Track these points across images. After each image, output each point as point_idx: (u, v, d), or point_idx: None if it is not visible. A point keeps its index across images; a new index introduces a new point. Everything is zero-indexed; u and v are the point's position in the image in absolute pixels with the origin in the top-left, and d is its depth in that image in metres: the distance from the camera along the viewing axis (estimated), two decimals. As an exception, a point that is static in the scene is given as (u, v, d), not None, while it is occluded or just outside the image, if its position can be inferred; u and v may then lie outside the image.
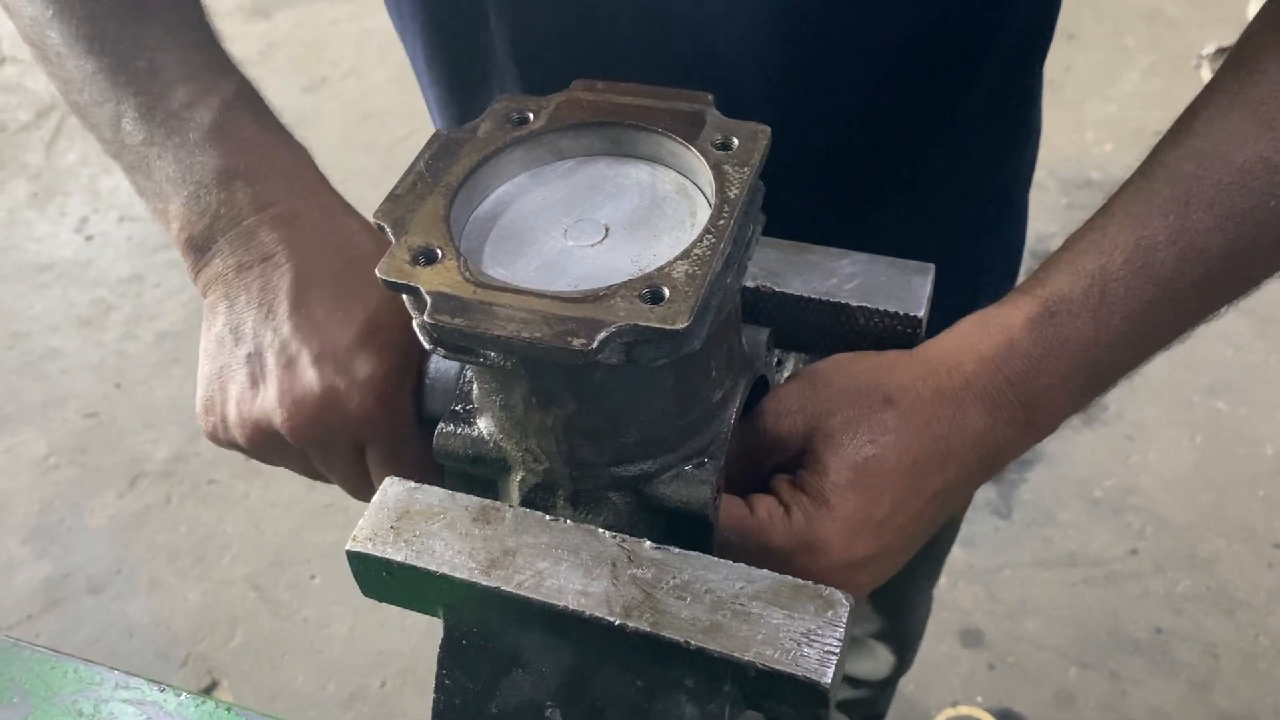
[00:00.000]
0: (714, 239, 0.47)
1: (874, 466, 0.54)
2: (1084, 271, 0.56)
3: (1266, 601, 1.93)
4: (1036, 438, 0.58)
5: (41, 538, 2.27)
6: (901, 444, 0.55)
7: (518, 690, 0.51)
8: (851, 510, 0.54)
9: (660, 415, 0.52)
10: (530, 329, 0.44)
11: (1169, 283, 0.55)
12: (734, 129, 0.52)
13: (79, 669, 0.72)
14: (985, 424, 0.56)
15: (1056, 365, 0.56)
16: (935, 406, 0.55)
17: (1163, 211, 0.55)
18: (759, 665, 0.46)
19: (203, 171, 0.62)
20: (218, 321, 0.62)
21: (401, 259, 0.47)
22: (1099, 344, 0.56)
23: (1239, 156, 0.55)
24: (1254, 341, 2.34)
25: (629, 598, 0.49)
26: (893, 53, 0.71)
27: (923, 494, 0.56)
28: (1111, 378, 0.58)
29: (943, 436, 0.55)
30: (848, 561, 0.55)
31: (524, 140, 0.53)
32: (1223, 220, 0.55)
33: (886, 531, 0.55)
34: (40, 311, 2.76)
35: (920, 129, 0.76)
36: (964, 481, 0.57)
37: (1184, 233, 0.55)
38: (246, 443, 0.62)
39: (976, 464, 0.57)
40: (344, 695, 1.97)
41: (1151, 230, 0.55)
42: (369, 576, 0.53)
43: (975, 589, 2.00)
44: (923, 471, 0.55)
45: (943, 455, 0.55)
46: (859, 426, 0.55)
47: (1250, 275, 0.58)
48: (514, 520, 0.52)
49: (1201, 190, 0.55)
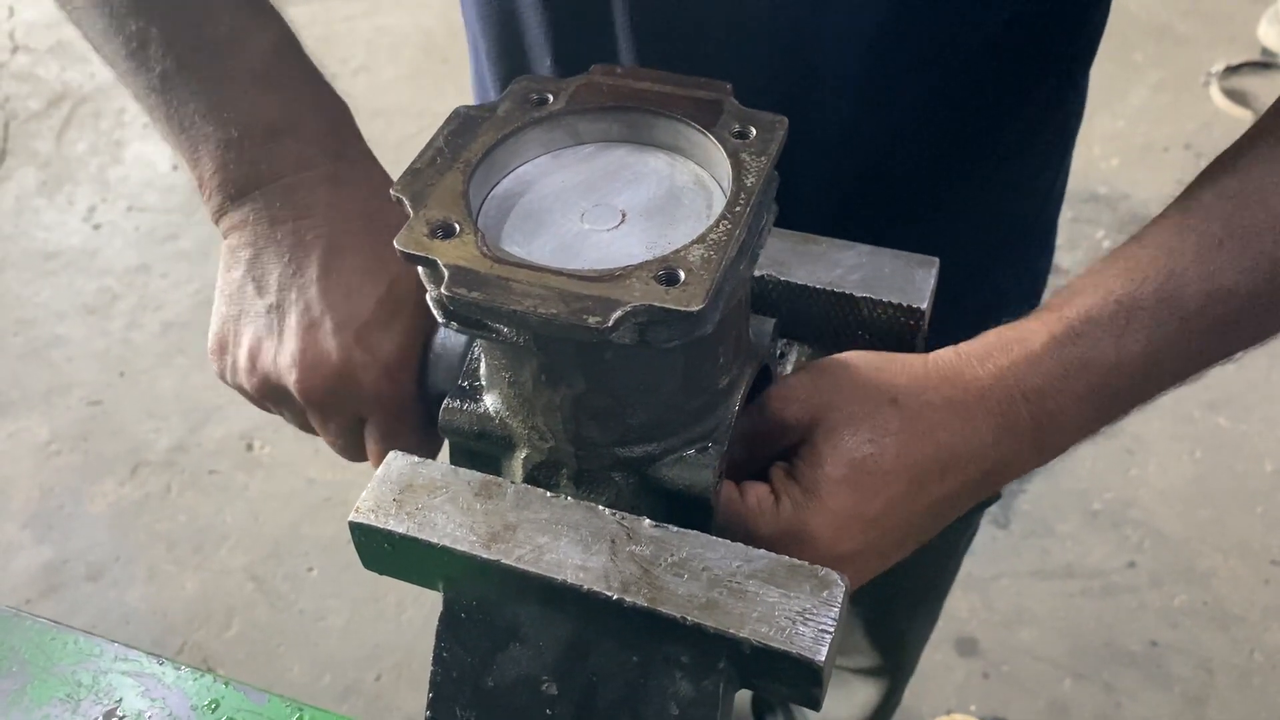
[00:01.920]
0: (730, 225, 0.48)
1: (870, 465, 0.54)
2: (1112, 296, 0.56)
3: (1262, 617, 1.93)
4: (1042, 459, 0.58)
5: (41, 523, 2.27)
6: (902, 447, 0.55)
7: (515, 664, 0.52)
8: (841, 505, 0.54)
9: (668, 398, 0.53)
10: (546, 305, 0.45)
11: (1194, 318, 0.55)
12: (752, 118, 0.52)
13: (79, 640, 0.73)
14: (993, 438, 0.55)
15: (1075, 387, 0.55)
16: (944, 415, 0.55)
17: (1196, 247, 0.56)
18: (754, 642, 0.47)
19: (250, 119, 0.61)
20: (239, 267, 0.62)
21: (420, 232, 0.48)
22: (1119, 370, 0.56)
23: (1276, 202, 0.55)
24: (1256, 358, 2.34)
25: (627, 573, 0.49)
26: (966, 58, 0.71)
27: (919, 499, 0.56)
28: (1124, 407, 0.58)
29: (946, 446, 0.55)
30: (833, 555, 0.55)
31: (542, 121, 0.54)
32: (1254, 263, 0.55)
33: (875, 531, 0.55)
34: (47, 299, 2.77)
35: (973, 141, 0.76)
36: (964, 493, 0.57)
37: (1215, 271, 0.55)
38: (253, 390, 0.63)
39: (979, 477, 0.57)
40: (339, 688, 1.97)
41: (1183, 264, 0.55)
42: (370, 548, 0.54)
43: (972, 598, 2.00)
44: (921, 477, 0.55)
45: (944, 465, 0.55)
46: (860, 423, 0.55)
47: (1272, 323, 0.58)
48: (515, 496, 0.53)
49: (1235, 231, 0.55)
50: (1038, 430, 0.56)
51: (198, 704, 0.69)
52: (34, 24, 3.67)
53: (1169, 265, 0.56)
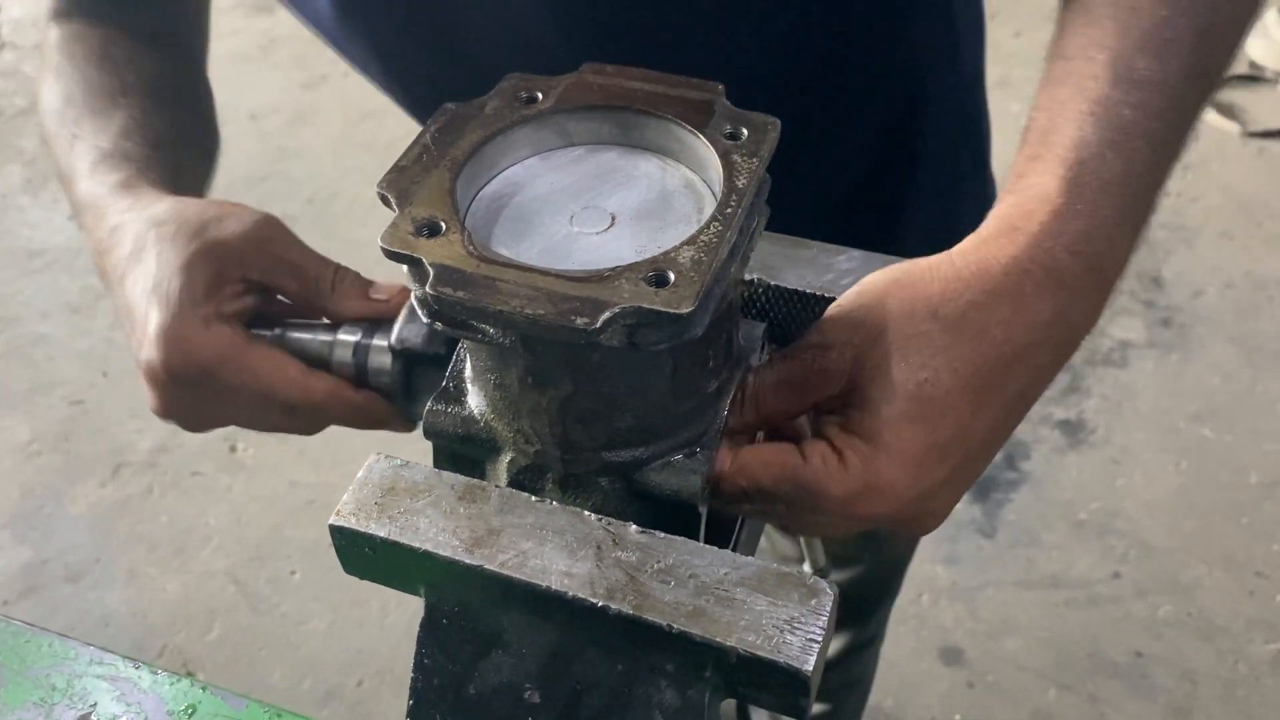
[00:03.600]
0: (721, 227, 0.47)
1: (928, 392, 0.51)
2: (1083, 110, 0.53)
3: (1246, 628, 1.93)
4: (1108, 295, 0.54)
5: (21, 523, 2.25)
6: (958, 360, 0.51)
7: (497, 671, 0.51)
8: (910, 444, 0.51)
9: (656, 402, 0.52)
10: (533, 305, 0.44)
11: (1163, 78, 0.54)
12: (744, 119, 0.52)
13: (53, 643, 0.71)
14: (1054, 309, 0.52)
15: (1109, 212, 0.52)
16: (991, 310, 0.51)
17: (1111, 36, 0.55)
18: (741, 651, 0.46)
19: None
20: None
21: (405, 230, 0.47)
22: (1136, 173, 0.53)
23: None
24: (1241, 370, 2.35)
25: (613, 580, 0.48)
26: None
27: (992, 404, 0.52)
28: (1154, 195, 0.55)
29: (1005, 340, 0.51)
30: (919, 494, 0.52)
31: (531, 119, 0.53)
32: (1168, 14, 0.54)
33: (956, 453, 0.52)
34: (30, 297, 2.75)
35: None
36: (1041, 375, 0.54)
37: (1148, 34, 0.54)
38: (163, 411, 0.68)
39: (1051, 354, 0.53)
40: (320, 693, 1.95)
41: (1115, 51, 0.54)
42: (351, 552, 0.53)
43: (957, 607, 2.00)
44: (987, 382, 0.51)
45: (1009, 360, 0.51)
46: (907, 352, 0.51)
47: (1224, 33, 0.57)
48: (500, 500, 0.52)
49: (1124, 12, 0.55)
50: (1096, 273, 0.53)
51: (174, 709, 0.68)
52: (20, 21, 3.65)
53: (1107, 57, 0.54)
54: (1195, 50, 0.55)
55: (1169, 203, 2.73)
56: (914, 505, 0.52)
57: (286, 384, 0.64)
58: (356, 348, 0.65)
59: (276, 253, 0.66)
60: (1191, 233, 2.67)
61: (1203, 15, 0.55)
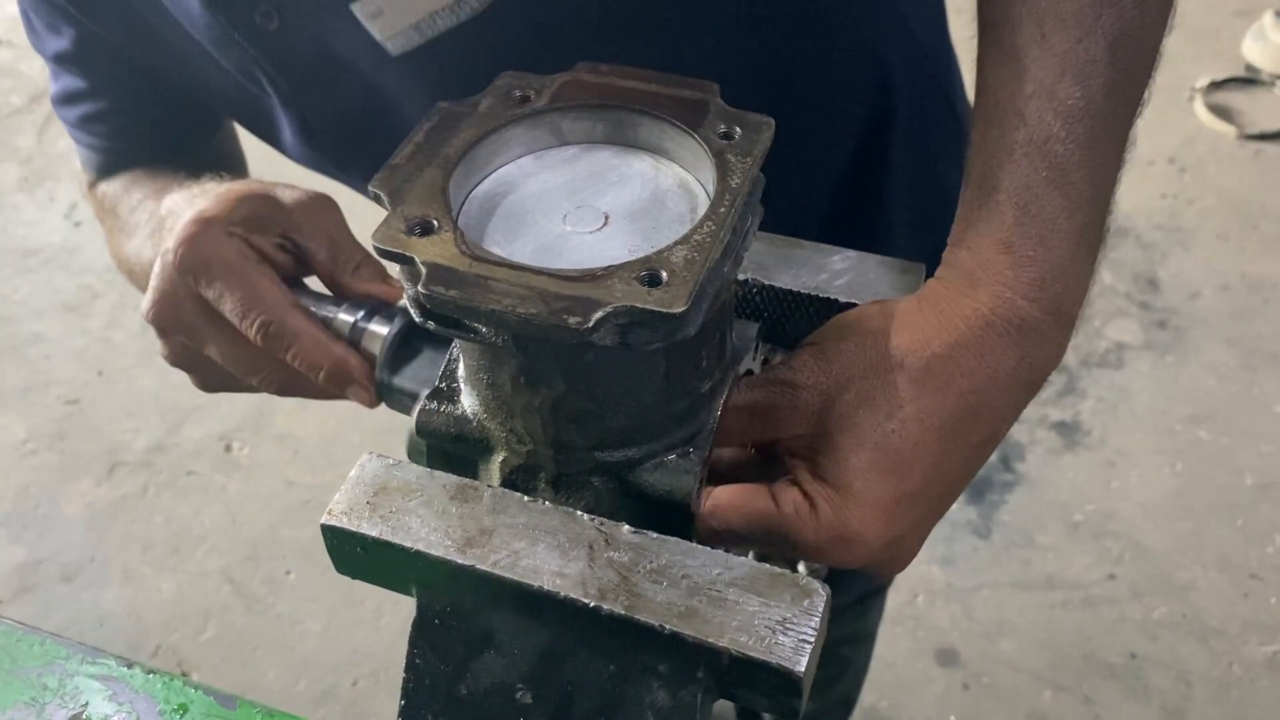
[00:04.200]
0: (714, 226, 0.47)
1: (896, 443, 0.52)
2: (1016, 151, 0.53)
3: (1241, 630, 1.93)
4: (1070, 330, 0.55)
5: (15, 523, 2.25)
6: (923, 412, 0.52)
7: (489, 672, 0.51)
8: (880, 495, 0.52)
9: (649, 402, 0.52)
10: (526, 305, 0.44)
11: (1086, 102, 0.53)
12: (738, 119, 0.52)
13: (45, 643, 0.71)
14: (1017, 356, 0.53)
15: (1060, 251, 0.53)
16: (956, 362, 0.53)
17: (1030, 68, 0.54)
18: (733, 652, 0.46)
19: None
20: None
21: (397, 228, 0.47)
22: (1076, 204, 0.53)
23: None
24: (1237, 372, 2.35)
25: (605, 580, 0.48)
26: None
27: (958, 451, 0.54)
28: (1104, 221, 0.56)
29: (969, 391, 0.53)
30: (888, 541, 0.53)
31: (525, 118, 0.53)
32: (1078, 35, 0.53)
33: (923, 501, 0.54)
34: (26, 296, 2.74)
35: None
36: (1006, 417, 0.55)
37: (1064, 59, 0.53)
38: (154, 306, 0.68)
39: (1014, 399, 0.55)
40: (315, 693, 1.95)
41: (1036, 83, 0.53)
42: (343, 552, 0.52)
43: (952, 608, 2.00)
44: (954, 431, 0.53)
45: (975, 409, 0.53)
46: (873, 401, 0.53)
47: (1138, 38, 0.56)
48: (492, 499, 0.52)
49: (1034, 46, 0.54)
50: (1053, 314, 0.53)
51: (166, 709, 0.68)
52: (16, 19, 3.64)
53: (1031, 91, 0.53)
54: (1113, 65, 0.54)
55: (1165, 204, 2.74)
56: (884, 551, 0.54)
57: (274, 301, 0.65)
58: (357, 322, 0.67)
59: (320, 222, 0.69)
60: (1188, 235, 2.67)
61: (1112, 25, 0.53)
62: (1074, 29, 0.53)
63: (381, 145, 0.71)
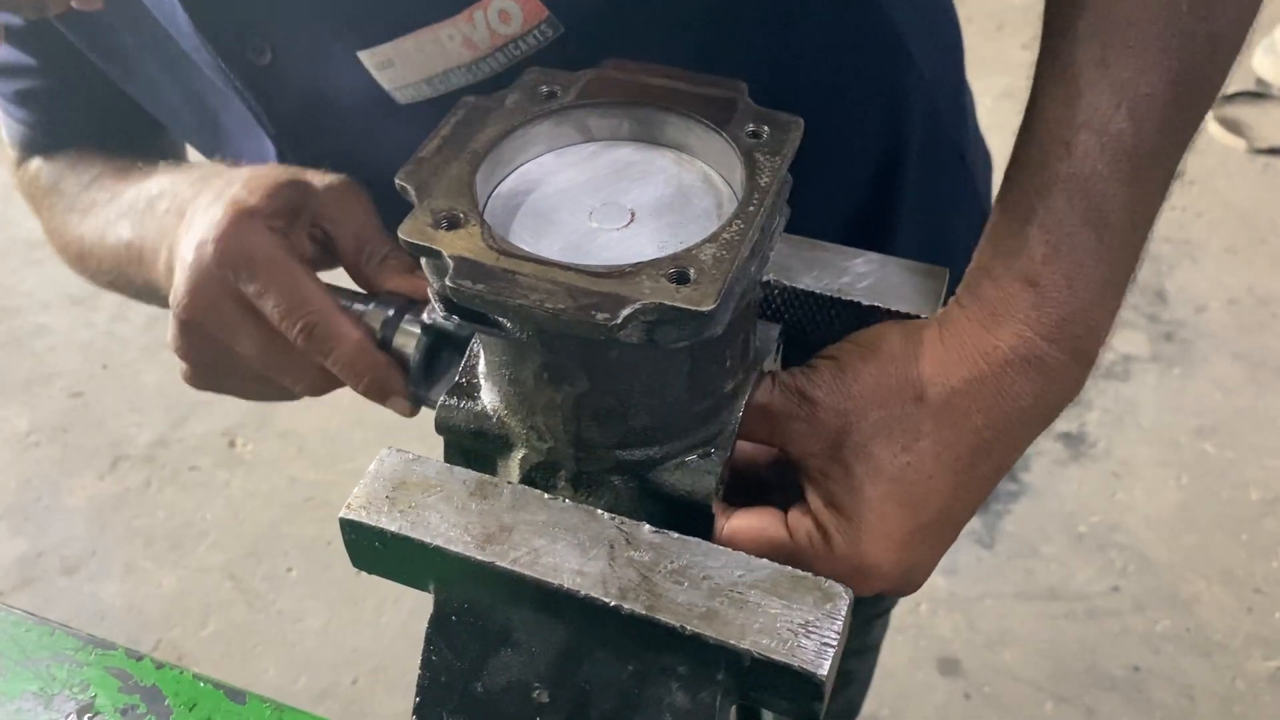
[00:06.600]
0: (743, 225, 0.47)
1: (911, 476, 0.52)
2: (1056, 183, 0.51)
3: (1244, 645, 1.93)
4: (1089, 369, 0.54)
5: (17, 515, 2.24)
6: (940, 444, 0.52)
7: (506, 670, 0.50)
8: (894, 528, 0.53)
9: (672, 401, 0.52)
10: (554, 300, 0.43)
11: (1137, 141, 0.51)
12: (766, 117, 0.51)
13: (55, 633, 0.71)
14: (1034, 394, 0.53)
15: (1087, 294, 0.52)
16: (974, 398, 0.52)
17: (1086, 94, 0.51)
18: (754, 654, 0.45)
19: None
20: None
21: (424, 221, 0.46)
22: (1110, 245, 0.52)
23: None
24: (1244, 386, 2.34)
25: (625, 579, 0.48)
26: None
27: (972, 484, 0.54)
28: (1135, 263, 0.54)
29: (985, 426, 0.53)
30: (902, 572, 0.54)
31: (551, 114, 0.53)
32: (1140, 66, 0.50)
33: (936, 531, 0.54)
34: (31, 288, 2.74)
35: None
36: (1016, 451, 0.55)
37: (1121, 89, 0.50)
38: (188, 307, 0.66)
39: (1028, 433, 0.54)
40: (314, 690, 1.94)
41: (1090, 111, 0.51)
42: (361, 546, 0.52)
43: (955, 617, 2.00)
44: (967, 466, 0.53)
45: (988, 444, 0.53)
46: (890, 432, 0.53)
47: (1200, 80, 0.53)
48: (512, 496, 0.51)
49: (1093, 69, 0.51)
50: (1073, 355, 0.53)
51: (175, 702, 0.67)
52: (28, 12, 3.64)
53: (1080, 121, 0.51)
54: (1172, 102, 0.51)
55: (1174, 217, 2.73)
56: (899, 580, 0.55)
57: (319, 303, 0.64)
58: (387, 320, 0.66)
59: (349, 210, 0.68)
60: (1196, 248, 2.67)
61: (1179, 60, 0.50)
62: (1138, 58, 0.50)
63: (373, 189, 0.70)
